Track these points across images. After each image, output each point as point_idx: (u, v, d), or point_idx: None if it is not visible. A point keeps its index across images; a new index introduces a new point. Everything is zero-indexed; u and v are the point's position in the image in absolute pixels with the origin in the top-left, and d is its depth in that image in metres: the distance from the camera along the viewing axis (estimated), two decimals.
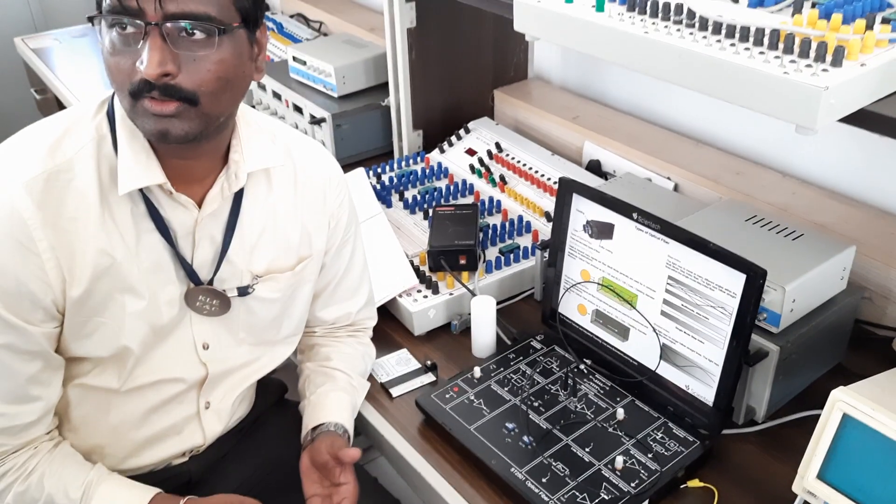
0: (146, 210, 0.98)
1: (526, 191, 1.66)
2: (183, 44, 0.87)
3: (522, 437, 1.12)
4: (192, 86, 0.88)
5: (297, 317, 1.17)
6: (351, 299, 1.24)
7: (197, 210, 1.01)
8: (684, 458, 1.08)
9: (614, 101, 1.85)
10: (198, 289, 1.04)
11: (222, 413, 1.14)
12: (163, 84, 0.86)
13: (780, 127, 1.48)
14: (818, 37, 0.86)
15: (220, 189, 1.02)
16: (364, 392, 1.23)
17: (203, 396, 1.11)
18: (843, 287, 1.20)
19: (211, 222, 1.03)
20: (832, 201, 1.42)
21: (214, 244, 1.04)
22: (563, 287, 1.31)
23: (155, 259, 1.00)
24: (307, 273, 1.14)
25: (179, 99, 0.88)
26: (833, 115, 0.83)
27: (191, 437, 1.12)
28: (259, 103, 2.16)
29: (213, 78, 0.89)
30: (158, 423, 1.09)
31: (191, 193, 1.00)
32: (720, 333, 1.09)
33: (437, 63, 1.84)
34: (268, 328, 1.14)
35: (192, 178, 1.01)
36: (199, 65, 0.88)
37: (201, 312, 1.06)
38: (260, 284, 1.09)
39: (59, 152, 0.95)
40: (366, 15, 2.42)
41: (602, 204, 1.21)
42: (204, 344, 1.08)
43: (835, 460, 0.86)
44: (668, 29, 0.95)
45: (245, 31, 0.93)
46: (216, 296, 1.05)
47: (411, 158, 1.84)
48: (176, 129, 0.89)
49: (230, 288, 1.07)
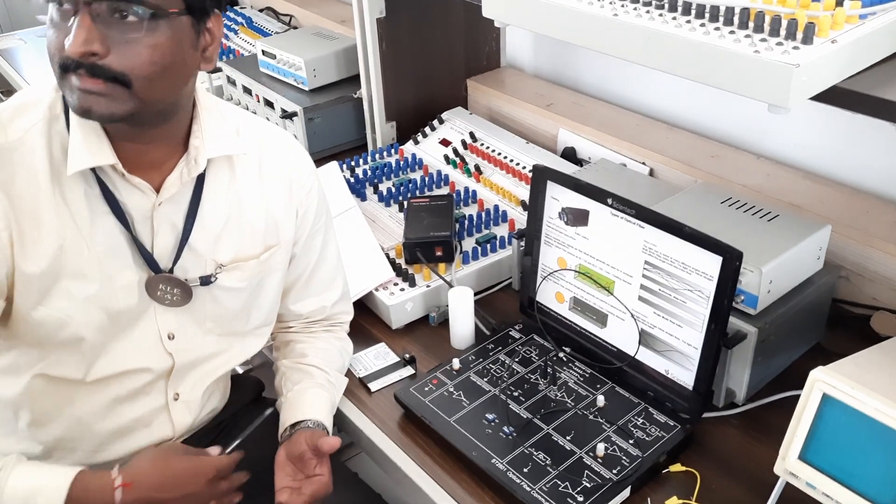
0: (100, 192, 0.97)
1: (501, 180, 1.65)
2: (114, 25, 0.87)
3: (503, 428, 1.11)
4: (121, 67, 0.88)
5: (265, 307, 1.16)
6: (325, 292, 1.23)
7: (154, 194, 1.00)
8: (666, 443, 1.08)
9: (588, 88, 1.84)
10: (157, 277, 1.03)
11: (192, 404, 1.12)
12: (89, 63, 0.87)
13: (753, 109, 1.48)
14: (788, 14, 0.85)
15: (178, 174, 1.01)
16: (342, 388, 1.22)
17: (171, 387, 1.10)
18: (819, 267, 1.20)
19: (171, 209, 1.02)
20: (806, 181, 1.42)
21: (175, 231, 1.03)
22: (541, 275, 1.30)
23: (111, 243, 0.99)
24: (274, 262, 1.13)
25: (109, 79, 0.88)
26: (805, 93, 0.82)
27: (160, 429, 1.11)
28: (230, 98, 2.12)
29: (146, 62, 0.89)
30: (126, 414, 1.07)
31: (149, 179, 1.00)
32: (698, 317, 1.09)
33: (409, 53, 1.82)
34: (235, 318, 1.12)
35: (149, 164, 1.00)
36: (130, 47, 0.88)
37: (162, 302, 1.04)
38: (224, 273, 1.07)
39: (10, 129, 0.95)
40: (336, 7, 2.39)
41: (576, 190, 1.20)
42: (169, 334, 1.06)
43: (816, 440, 0.85)
44: (637, 11, 0.94)
45: (189, 18, 0.92)
46: (177, 284, 1.04)
47: (385, 151, 1.83)
48: (101, 107, 0.89)
49: (192, 277, 1.05)
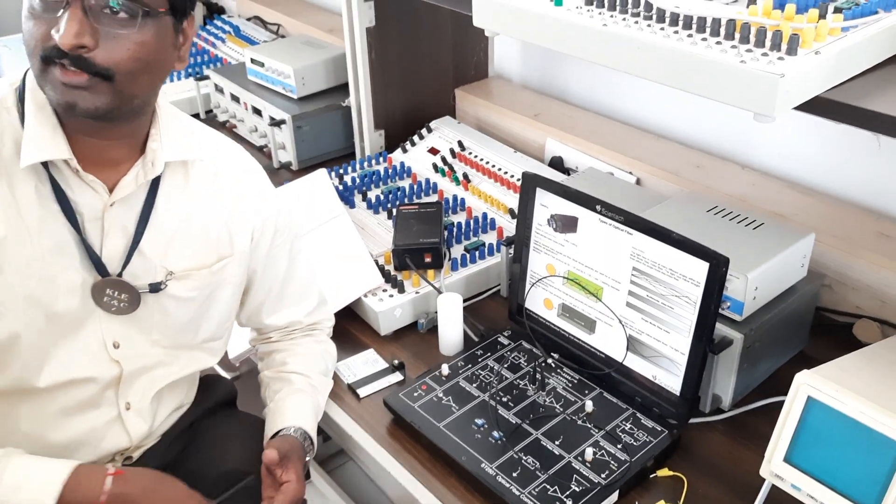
0: (51, 188, 0.96)
1: (489, 188, 1.66)
2: (104, 20, 0.87)
3: (492, 433, 1.12)
4: (107, 62, 0.88)
5: (216, 320, 1.12)
6: (299, 304, 1.22)
7: (107, 194, 0.98)
8: (653, 448, 1.09)
9: (575, 98, 1.86)
10: (105, 281, 0.99)
11: (144, 412, 1.09)
12: (76, 55, 0.86)
13: (738, 120, 1.50)
14: (773, 26, 0.87)
15: (134, 176, 0.99)
16: (327, 390, 1.21)
17: (122, 397, 1.06)
18: (803, 274, 1.22)
19: (123, 211, 1.00)
20: (791, 191, 1.44)
21: (126, 235, 1.01)
22: (529, 282, 1.31)
23: (57, 241, 0.96)
24: (227, 274, 1.10)
25: (91, 73, 0.88)
26: (790, 103, 0.84)
27: (115, 440, 1.07)
28: (217, 106, 2.13)
29: (132, 57, 0.89)
30: (76, 427, 1.04)
31: (104, 178, 0.98)
32: (685, 323, 1.10)
33: (398, 62, 1.83)
34: (183, 330, 1.09)
35: (105, 162, 0.98)
36: (117, 42, 0.88)
37: (108, 309, 1.01)
38: (174, 282, 1.05)
39: None
40: (324, 16, 2.41)
41: (565, 197, 1.21)
42: (114, 343, 1.03)
43: (801, 443, 0.87)
44: (626, 21, 0.96)
45: (171, 18, 0.93)
46: (125, 289, 1.01)
47: (373, 158, 1.83)
48: (86, 101, 0.89)
49: (141, 284, 1.02)
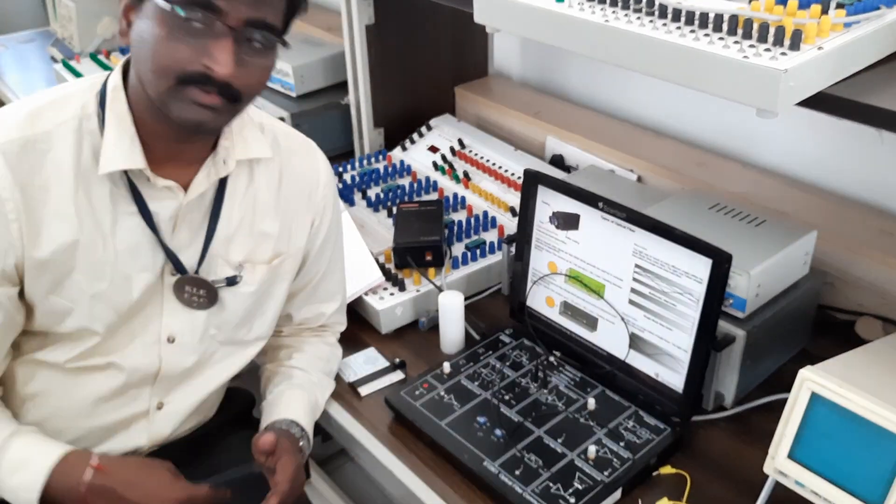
0: (129, 193, 0.98)
1: (490, 186, 1.65)
2: (246, 49, 0.90)
3: (494, 431, 1.11)
4: (240, 86, 0.91)
5: (269, 315, 1.15)
6: (328, 302, 1.23)
7: (182, 193, 1.01)
8: (656, 446, 1.08)
9: (575, 96, 1.86)
10: (185, 279, 1.03)
11: (174, 416, 1.10)
12: (224, 83, 0.89)
13: (740, 118, 1.50)
14: (775, 21, 0.87)
15: (206, 174, 1.02)
16: (328, 390, 1.21)
17: (156, 395, 1.08)
18: (805, 272, 1.22)
19: (193, 208, 1.03)
20: (793, 189, 1.44)
21: (196, 232, 1.04)
22: (531, 280, 1.30)
23: (132, 242, 1.00)
24: (283, 270, 1.13)
25: (223, 95, 0.90)
26: (793, 98, 0.84)
27: (136, 437, 1.08)
28: None
29: (260, 82, 0.95)
30: (107, 415, 1.06)
31: (175, 177, 1.00)
32: (688, 320, 1.10)
33: (397, 60, 1.83)
34: (240, 326, 1.12)
35: (179, 162, 1.01)
36: (250, 69, 0.91)
37: (190, 305, 1.05)
38: (244, 275, 1.07)
39: (38, 122, 0.96)
40: (322, 14, 2.39)
41: (567, 194, 1.21)
42: (169, 337, 1.06)
43: (804, 439, 0.86)
44: (628, 17, 0.95)
45: None
46: (203, 286, 1.04)
47: (373, 157, 1.83)
48: (213, 122, 0.93)
49: (218, 279, 1.05)
